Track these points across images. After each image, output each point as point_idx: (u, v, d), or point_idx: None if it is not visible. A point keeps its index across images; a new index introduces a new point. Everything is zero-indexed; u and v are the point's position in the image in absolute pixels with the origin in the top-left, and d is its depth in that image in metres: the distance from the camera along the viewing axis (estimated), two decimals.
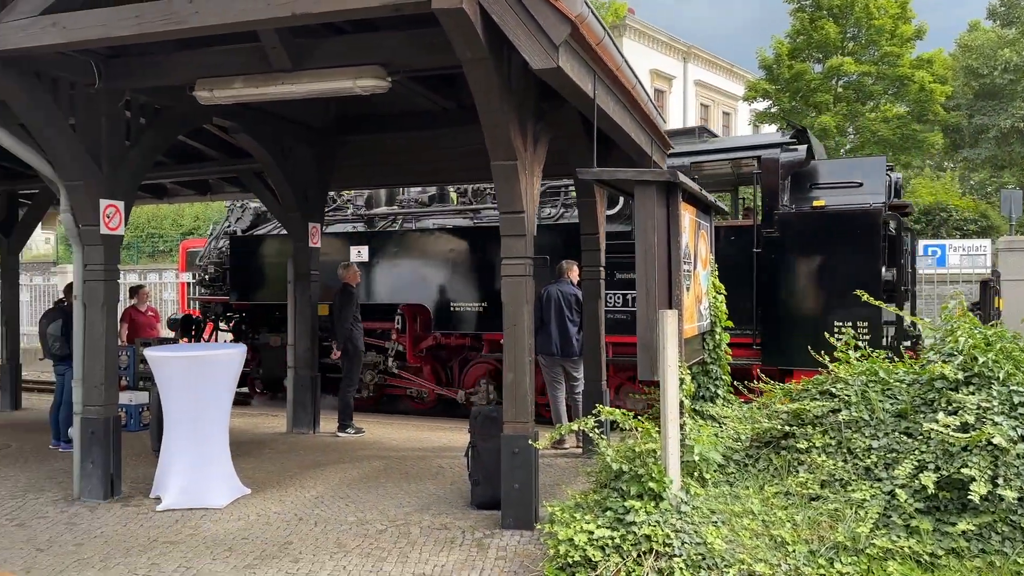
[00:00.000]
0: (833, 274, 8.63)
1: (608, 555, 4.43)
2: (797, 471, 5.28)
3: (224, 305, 12.77)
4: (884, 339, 8.45)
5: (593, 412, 5.24)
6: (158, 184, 11.23)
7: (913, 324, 8.13)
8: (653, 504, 4.63)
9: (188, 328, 12.93)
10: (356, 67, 5.90)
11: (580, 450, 7.98)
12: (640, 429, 5.14)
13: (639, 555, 4.43)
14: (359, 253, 11.22)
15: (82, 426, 6.40)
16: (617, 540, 4.46)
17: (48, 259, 31.12)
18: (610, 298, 9.43)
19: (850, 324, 7.97)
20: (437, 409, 11.32)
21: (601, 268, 7.79)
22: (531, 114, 5.65)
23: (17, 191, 11.09)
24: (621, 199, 9.76)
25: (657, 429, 5.04)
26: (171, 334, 12.40)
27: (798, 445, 5.40)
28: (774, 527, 4.68)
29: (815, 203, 8.94)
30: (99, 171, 6.33)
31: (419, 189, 11.71)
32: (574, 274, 8.31)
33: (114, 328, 6.54)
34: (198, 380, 6.33)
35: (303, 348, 9.26)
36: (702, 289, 6.43)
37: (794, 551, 4.46)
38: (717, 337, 6.85)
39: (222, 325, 12.98)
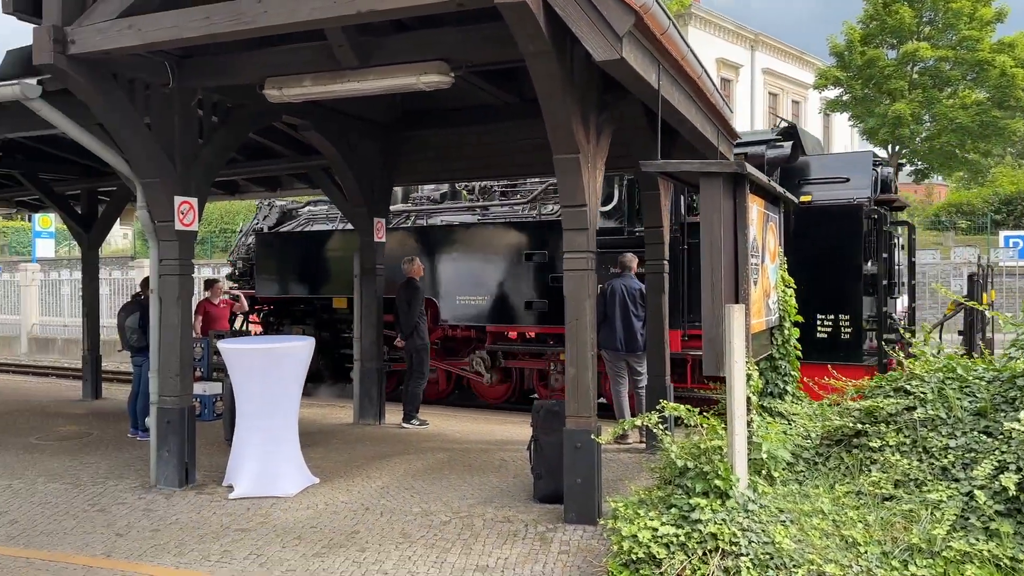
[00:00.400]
0: (816, 268, 8.54)
1: (673, 553, 4.37)
2: (869, 470, 5.13)
3: (252, 298, 13.14)
4: (866, 333, 8.59)
5: (657, 408, 5.18)
6: (230, 181, 11.53)
7: (893, 318, 8.55)
8: (719, 502, 4.56)
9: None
10: (420, 63, 5.94)
11: (643, 446, 7.91)
12: (706, 426, 5.06)
13: (705, 553, 4.37)
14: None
15: (158, 415, 6.62)
16: (682, 538, 4.40)
17: (126, 254, 32.32)
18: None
19: (832, 317, 8.44)
20: (453, 399, 11.76)
21: (665, 262, 7.70)
22: (594, 106, 5.61)
23: (97, 188, 11.55)
24: (615, 196, 10.13)
25: (723, 426, 4.95)
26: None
27: (871, 443, 5.25)
28: (845, 527, 4.55)
29: (802, 198, 9.00)
30: (173, 169, 6.53)
31: (432, 187, 12.05)
32: (635, 267, 8.27)
33: (189, 321, 6.75)
34: (269, 372, 6.49)
35: (368, 341, 9.39)
36: (771, 283, 6.29)
37: (866, 552, 4.34)
38: (786, 332, 6.69)
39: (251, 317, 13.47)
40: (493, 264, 10.67)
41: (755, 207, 5.47)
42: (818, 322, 8.10)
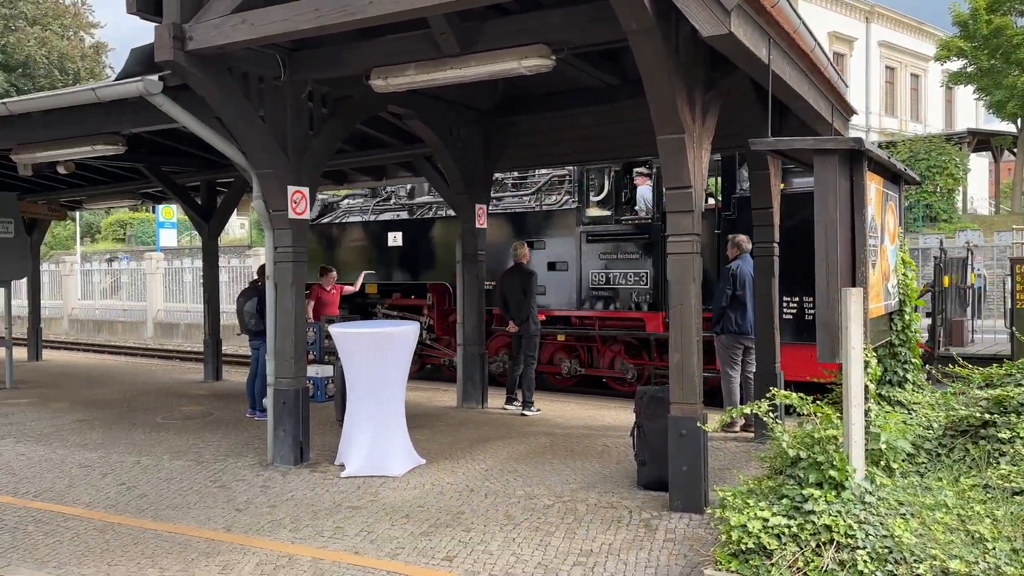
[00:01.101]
0: (783, 252, 8.43)
1: (784, 544, 4.23)
2: (998, 462, 4.83)
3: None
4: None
5: (767, 395, 5.02)
6: (339, 170, 11.87)
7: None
8: (834, 493, 4.38)
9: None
10: (521, 47, 5.93)
11: (752, 434, 7.70)
12: (819, 414, 4.87)
13: (818, 545, 4.21)
14: (394, 238, 12.82)
15: (274, 396, 6.90)
16: (794, 529, 4.25)
17: (243, 243, 33.78)
18: (595, 277, 10.74)
19: (797, 299, 8.95)
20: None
21: (775, 244, 7.45)
22: (700, 84, 5.45)
23: (216, 180, 12.11)
24: (605, 186, 10.77)
25: (838, 415, 4.75)
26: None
27: (999, 435, 4.94)
28: (971, 522, 4.29)
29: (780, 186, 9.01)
30: (286, 159, 6.77)
31: None
32: (749, 247, 8.05)
33: (302, 306, 6.99)
34: (376, 355, 6.66)
35: (471, 326, 9.50)
36: (890, 265, 5.97)
37: (994, 548, 4.07)
38: (906, 317, 6.35)
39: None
40: (501, 250, 11.26)
41: (873, 185, 5.20)
42: (784, 304, 8.62)
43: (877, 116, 39.06)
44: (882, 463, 4.89)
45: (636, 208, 10.82)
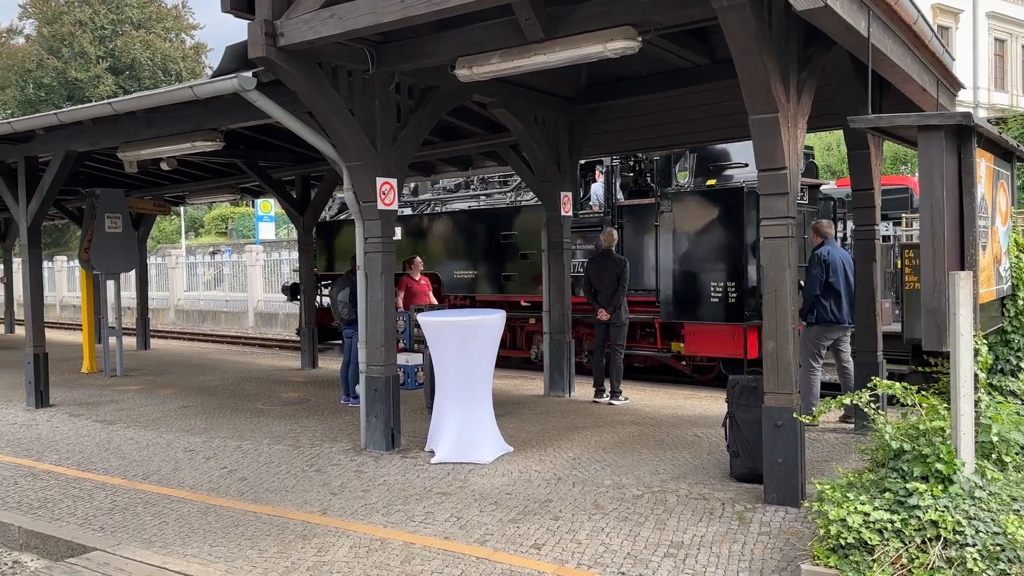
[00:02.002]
0: (710, 243, 10.00)
1: (887, 539, 4.05)
2: None
3: (317, 275, 15.25)
4: (749, 297, 9.68)
5: (869, 385, 4.80)
6: (425, 162, 12.01)
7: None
8: (940, 487, 4.16)
9: (296, 293, 16.19)
10: (606, 30, 5.83)
11: (851, 425, 7.41)
12: (925, 405, 4.63)
13: (924, 541, 4.00)
14: (396, 233, 12.57)
15: (366, 384, 7.05)
16: (898, 524, 4.06)
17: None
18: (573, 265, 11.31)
19: (722, 284, 9.90)
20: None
21: (876, 227, 7.12)
22: (794, 61, 5.24)
23: (310, 174, 12.45)
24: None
25: (945, 405, 4.51)
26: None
27: None
28: None
29: (708, 182, 10.39)
30: (375, 152, 6.87)
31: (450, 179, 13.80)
32: (833, 233, 7.75)
33: (391, 295, 7.10)
34: (465, 343, 6.71)
35: (557, 314, 9.47)
36: (1001, 248, 5.62)
37: None
38: (1020, 302, 5.98)
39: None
40: (481, 243, 12.82)
41: (983, 163, 4.89)
42: (711, 289, 9.91)
43: (986, 91, 36.86)
44: (993, 456, 4.61)
45: (591, 203, 11.83)
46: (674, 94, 8.56)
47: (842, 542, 4.11)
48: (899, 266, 8.95)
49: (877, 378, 4.91)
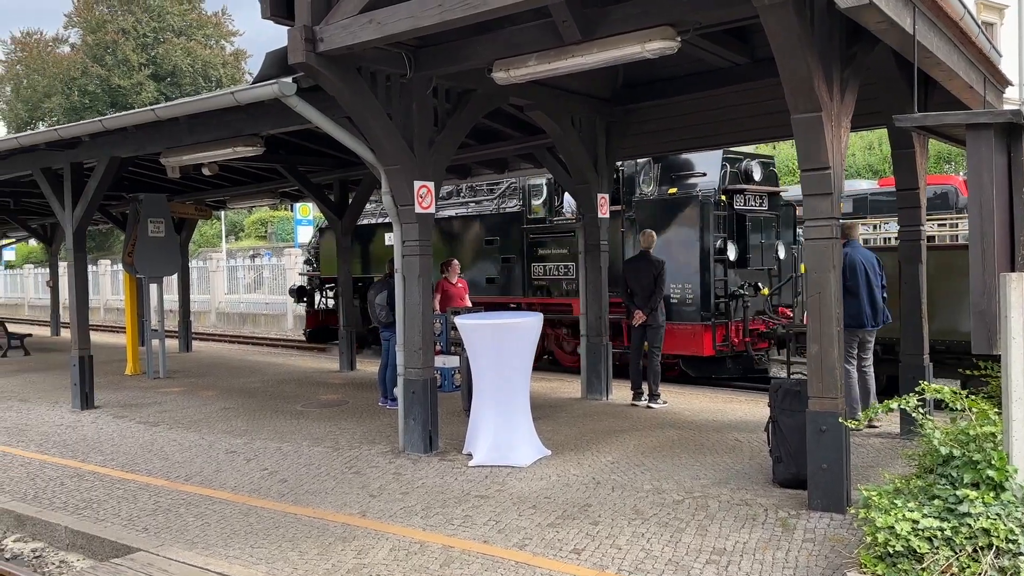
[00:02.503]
0: (670, 246, 10.76)
1: (937, 548, 3.94)
2: None
3: (319, 278, 17.33)
4: (707, 298, 10.49)
5: (916, 390, 4.69)
6: (462, 164, 12.03)
7: (740, 286, 10.88)
8: (992, 494, 4.04)
9: (302, 295, 18.11)
10: (644, 31, 5.78)
11: (876, 427, 7.28)
12: (975, 409, 4.51)
13: (975, 550, 3.89)
14: (387, 238, 14.58)
15: (404, 386, 7.07)
16: (948, 532, 3.95)
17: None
18: (535, 268, 12.67)
19: (681, 286, 10.74)
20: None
21: (922, 228, 6.96)
22: (837, 60, 5.15)
23: (348, 178, 12.55)
24: (544, 192, 12.62)
25: (996, 410, 4.38)
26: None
27: None
28: None
29: (670, 191, 11.18)
30: (412, 155, 6.90)
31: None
32: (857, 234, 7.60)
33: (429, 298, 7.13)
34: (501, 346, 6.71)
35: (594, 316, 9.42)
36: None
37: None
38: None
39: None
40: (472, 247, 13.67)
41: None
42: (671, 291, 10.62)
43: None
44: None
45: (565, 211, 12.51)
46: (713, 94, 8.46)
47: (890, 550, 4.01)
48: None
49: (925, 382, 4.80)
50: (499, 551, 4.80)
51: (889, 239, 10.66)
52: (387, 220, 14.54)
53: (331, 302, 17.29)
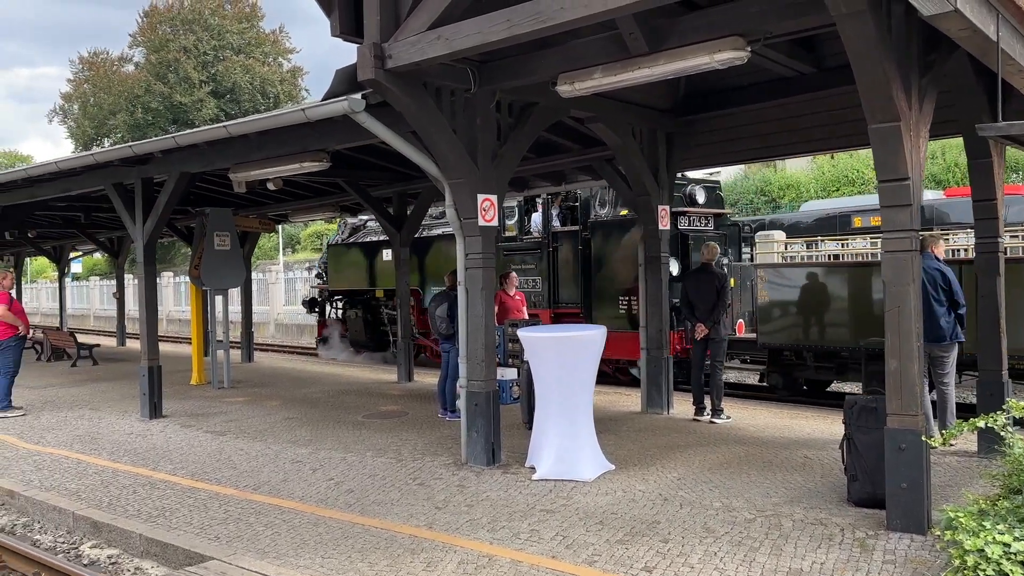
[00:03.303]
0: (616, 264, 12.33)
1: None
2: None
3: (329, 290, 18.75)
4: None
5: (1003, 407, 4.53)
6: (519, 177, 12.05)
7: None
8: None
9: (313, 306, 19.66)
10: (713, 41, 5.72)
11: (975, 448, 7.02)
12: None
13: None
14: (386, 255, 16.42)
15: (467, 398, 7.09)
16: None
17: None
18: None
19: (626, 298, 12.15)
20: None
21: (1000, 239, 6.74)
22: (915, 68, 5.02)
23: (407, 191, 12.68)
24: (516, 212, 14.18)
25: None
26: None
27: None
28: None
29: (622, 212, 12.31)
30: (476, 169, 6.93)
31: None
32: (939, 249, 7.38)
33: (492, 310, 7.14)
34: (565, 358, 6.67)
35: (655, 329, 9.32)
36: None
37: None
38: None
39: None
40: (438, 263, 15.20)
41: None
42: (619, 303, 12.29)
43: None
44: None
45: (532, 230, 13.99)
46: (778, 104, 8.35)
47: (980, 574, 3.87)
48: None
49: (1012, 400, 4.63)
50: (568, 567, 4.76)
51: (956, 251, 10.44)
52: (385, 238, 16.57)
53: (339, 312, 18.87)
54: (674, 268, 11.97)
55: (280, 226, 32.65)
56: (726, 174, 31.20)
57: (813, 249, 11.84)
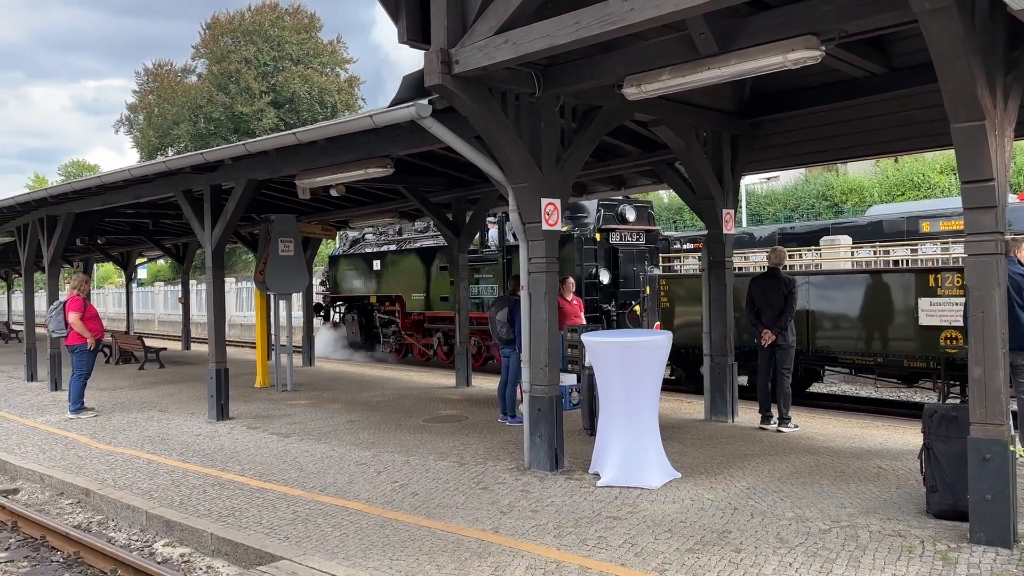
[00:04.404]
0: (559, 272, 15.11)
1: None
2: None
3: (331, 296, 21.38)
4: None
5: None
6: (579, 182, 12.01)
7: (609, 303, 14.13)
8: None
9: (319, 311, 21.20)
10: (786, 40, 5.61)
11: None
12: None
13: None
14: (375, 265, 19.31)
15: (529, 403, 7.07)
16: None
17: None
18: (472, 288, 15.71)
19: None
20: (435, 362, 18.28)
21: None
22: (1000, 65, 4.84)
23: (466, 197, 12.74)
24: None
25: None
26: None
27: None
28: None
29: (563, 228, 13.60)
30: (540, 173, 6.92)
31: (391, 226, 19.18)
32: (1023, 253, 7.08)
33: (555, 315, 7.11)
34: (630, 364, 6.61)
35: (718, 336, 9.18)
36: None
37: None
38: None
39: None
40: (434, 272, 17.67)
41: None
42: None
43: None
44: None
45: (489, 244, 16.01)
46: (847, 105, 8.16)
47: None
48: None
49: None
50: (639, 575, 4.69)
51: None
52: (377, 249, 19.62)
53: (340, 316, 21.62)
54: (604, 277, 14.52)
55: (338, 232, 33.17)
56: (785, 179, 30.72)
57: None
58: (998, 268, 4.74)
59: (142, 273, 46.40)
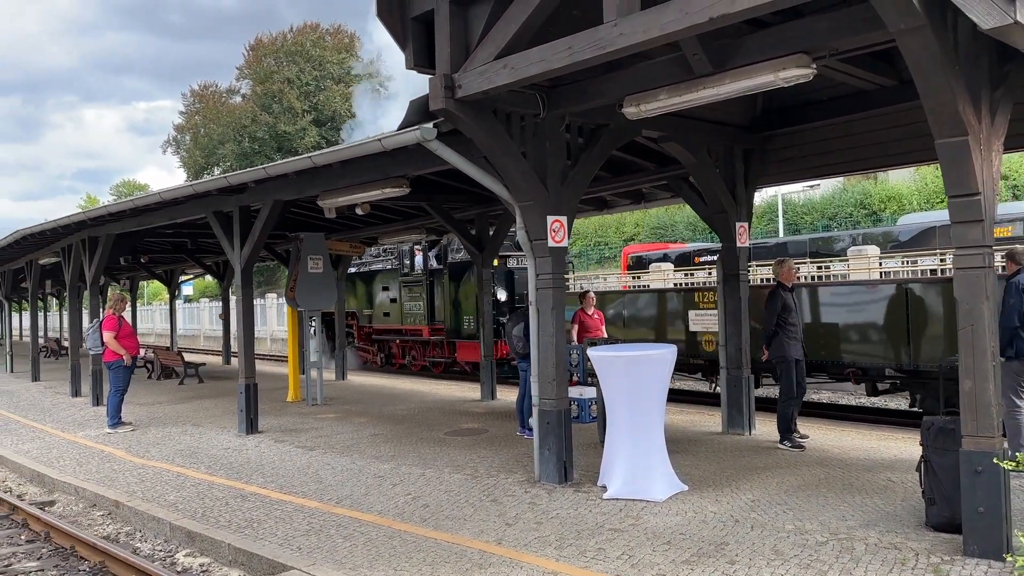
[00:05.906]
0: (466, 293, 17.58)
1: None
2: None
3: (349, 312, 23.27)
4: (482, 327, 13.48)
5: None
6: (598, 197, 12.15)
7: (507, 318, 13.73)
8: None
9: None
10: (777, 59, 5.71)
11: None
12: None
13: None
14: (354, 285, 22.05)
15: (539, 417, 7.20)
16: None
17: None
18: (406, 305, 20.22)
19: (469, 318, 17.45)
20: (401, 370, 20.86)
21: None
22: (985, 81, 4.88)
23: (488, 213, 12.95)
24: (412, 254, 20.08)
25: None
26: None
27: None
28: None
29: (466, 257, 15.85)
30: (545, 191, 7.09)
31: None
32: None
33: (563, 329, 7.24)
34: (635, 377, 6.71)
35: (734, 348, 9.20)
36: None
37: None
38: None
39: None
40: (382, 292, 21.27)
41: None
42: (468, 321, 17.49)
43: None
44: None
45: (416, 268, 19.64)
46: (860, 117, 8.18)
47: None
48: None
49: None
50: None
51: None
52: (371, 269, 21.95)
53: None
54: (502, 295, 17.01)
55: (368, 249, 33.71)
56: (825, 187, 30.35)
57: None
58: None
59: (188, 290, 47.58)
